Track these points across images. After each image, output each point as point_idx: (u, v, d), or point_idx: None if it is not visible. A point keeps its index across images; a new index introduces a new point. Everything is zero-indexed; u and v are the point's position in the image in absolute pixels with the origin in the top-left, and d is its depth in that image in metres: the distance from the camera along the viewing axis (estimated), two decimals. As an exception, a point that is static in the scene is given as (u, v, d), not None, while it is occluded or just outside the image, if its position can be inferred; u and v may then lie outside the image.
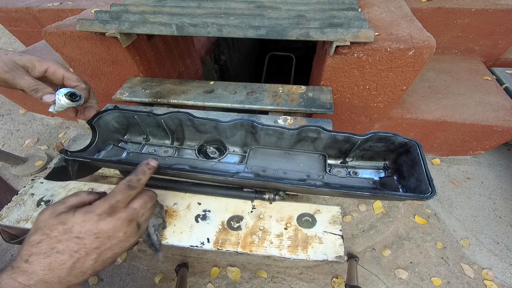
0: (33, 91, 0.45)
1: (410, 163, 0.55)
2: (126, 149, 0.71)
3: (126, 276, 1.22)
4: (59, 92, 0.47)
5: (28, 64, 0.47)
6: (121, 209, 0.39)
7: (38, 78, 0.48)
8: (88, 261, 0.35)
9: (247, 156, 0.68)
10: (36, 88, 0.46)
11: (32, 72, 0.47)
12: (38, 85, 0.46)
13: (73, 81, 0.50)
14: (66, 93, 0.47)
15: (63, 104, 0.47)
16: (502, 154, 1.60)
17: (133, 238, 0.40)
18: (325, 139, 0.62)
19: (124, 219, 0.38)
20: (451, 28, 1.44)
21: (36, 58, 0.48)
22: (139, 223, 0.42)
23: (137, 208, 0.41)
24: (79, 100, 0.49)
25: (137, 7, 1.03)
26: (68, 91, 0.47)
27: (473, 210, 1.36)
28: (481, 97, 1.33)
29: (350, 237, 1.25)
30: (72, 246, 0.34)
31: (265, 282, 1.18)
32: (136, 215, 0.40)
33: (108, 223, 0.37)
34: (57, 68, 0.49)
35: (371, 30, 0.81)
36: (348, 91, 1.09)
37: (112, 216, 0.37)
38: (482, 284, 1.13)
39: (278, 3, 1.02)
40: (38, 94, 0.46)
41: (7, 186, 1.56)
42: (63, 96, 0.47)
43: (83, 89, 0.51)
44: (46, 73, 0.49)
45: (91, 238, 0.35)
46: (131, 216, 0.39)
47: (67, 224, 0.35)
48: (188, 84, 1.00)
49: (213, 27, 0.86)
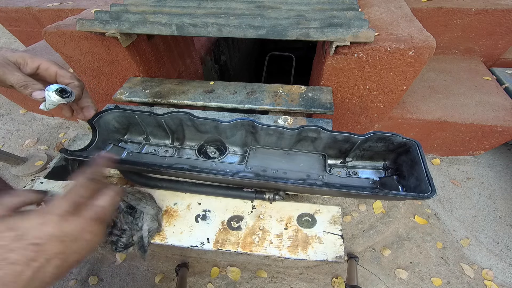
0: (23, 87, 0.44)
1: (409, 162, 0.55)
2: (126, 149, 0.71)
3: (126, 276, 1.22)
4: (49, 88, 0.46)
5: (20, 60, 0.46)
6: (86, 207, 0.35)
7: (30, 75, 0.47)
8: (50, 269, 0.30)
9: (247, 156, 0.68)
10: (26, 84, 0.44)
11: (23, 68, 0.47)
12: (28, 81, 0.45)
13: (66, 78, 0.49)
14: (56, 89, 0.46)
15: (53, 101, 0.46)
16: (502, 154, 1.60)
17: (99, 237, 0.36)
18: (325, 139, 0.62)
19: (91, 219, 0.34)
20: (451, 28, 1.44)
21: (28, 55, 0.47)
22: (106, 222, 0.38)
23: (104, 205, 0.37)
24: (70, 97, 0.48)
25: (137, 7, 1.03)
26: (59, 87, 0.46)
27: (473, 210, 1.36)
28: (481, 97, 1.33)
29: (350, 237, 1.25)
30: (28, 254, 0.29)
31: (265, 282, 1.18)
32: (103, 214, 0.36)
33: (72, 224, 0.32)
34: (50, 65, 0.48)
35: (371, 30, 0.81)
36: (348, 91, 1.09)
37: (76, 216, 0.33)
38: (482, 284, 1.13)
39: (278, 3, 1.02)
40: (28, 90, 0.45)
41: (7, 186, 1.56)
42: (53, 92, 0.45)
43: (75, 86, 0.50)
44: (38, 70, 0.48)
45: (53, 242, 0.30)
46: (98, 215, 0.35)
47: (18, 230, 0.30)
48: (188, 84, 1.00)
49: (213, 27, 0.86)
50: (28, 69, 0.47)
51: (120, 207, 0.57)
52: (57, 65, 0.49)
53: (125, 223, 0.55)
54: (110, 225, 0.55)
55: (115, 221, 0.56)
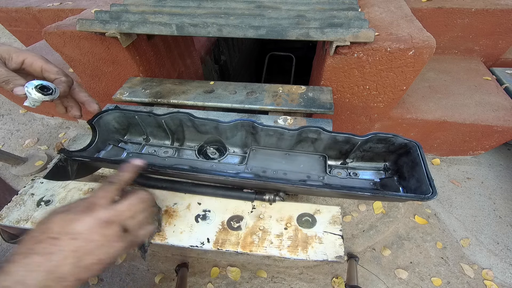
0: (4, 83, 0.43)
1: (410, 164, 0.55)
2: (126, 149, 0.71)
3: (126, 276, 1.22)
4: (28, 85, 0.43)
5: (5, 55, 0.44)
6: (99, 208, 0.35)
7: (15, 70, 0.45)
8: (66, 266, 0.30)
9: (247, 157, 0.68)
10: (7, 79, 0.43)
11: (8, 63, 0.45)
12: (10, 77, 0.43)
13: (52, 73, 0.47)
14: (36, 86, 0.43)
15: (35, 98, 0.44)
16: (502, 154, 1.60)
17: (118, 243, 0.35)
18: (325, 140, 0.62)
19: (101, 220, 0.33)
20: (451, 28, 1.44)
21: (14, 49, 0.45)
22: (126, 227, 0.37)
23: (121, 210, 0.36)
24: (53, 94, 0.45)
25: (137, 7, 1.03)
26: (39, 83, 0.43)
27: (473, 210, 1.36)
28: (481, 97, 1.33)
29: (350, 237, 1.25)
30: (47, 247, 0.30)
31: (265, 282, 1.18)
32: (118, 217, 0.35)
33: (82, 223, 0.32)
34: (35, 59, 0.46)
35: (371, 30, 0.81)
36: (348, 91, 1.09)
37: (87, 215, 0.33)
38: (482, 284, 1.13)
39: (278, 3, 1.02)
40: (9, 86, 0.43)
41: (7, 186, 1.56)
42: (32, 89, 0.43)
43: (61, 82, 0.47)
44: (24, 65, 0.46)
45: (66, 239, 0.31)
46: (111, 218, 0.34)
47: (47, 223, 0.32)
48: (188, 84, 1.00)
49: (213, 27, 0.86)
50: (13, 63, 0.45)
51: None
52: (43, 59, 0.47)
53: (125, 224, 0.55)
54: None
55: None
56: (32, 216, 0.60)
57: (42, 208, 0.62)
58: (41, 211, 0.61)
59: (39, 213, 0.61)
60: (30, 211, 0.61)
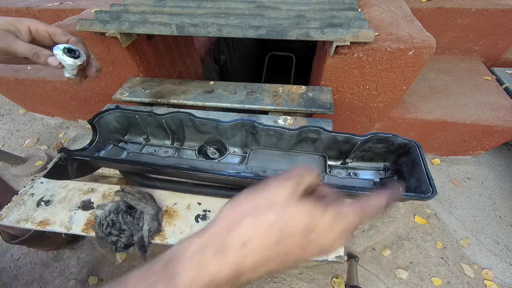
0: (34, 56, 0.39)
1: (410, 163, 0.55)
2: (126, 149, 0.71)
3: (126, 276, 1.22)
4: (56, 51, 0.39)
5: (10, 27, 0.39)
6: None
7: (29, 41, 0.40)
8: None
9: (247, 156, 0.68)
10: (35, 51, 0.38)
11: (19, 35, 0.40)
12: (35, 48, 0.39)
13: (62, 35, 0.41)
14: (63, 49, 0.39)
15: (70, 64, 0.40)
16: (502, 154, 1.60)
17: None
18: (325, 140, 0.62)
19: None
20: (451, 28, 1.44)
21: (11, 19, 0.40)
22: None
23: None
24: (81, 56, 0.41)
25: (137, 7, 1.03)
26: (64, 47, 0.40)
27: (473, 210, 1.36)
28: (481, 97, 1.33)
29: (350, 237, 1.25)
30: None
31: (265, 282, 1.18)
32: None
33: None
34: (36, 24, 0.41)
35: (371, 30, 0.81)
36: (348, 91, 1.09)
37: None
38: (482, 284, 1.13)
39: (278, 3, 1.02)
40: (41, 59, 0.39)
41: (7, 186, 1.56)
42: (63, 55, 0.39)
43: (76, 42, 0.42)
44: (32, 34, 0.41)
45: None
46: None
47: None
48: (188, 84, 1.00)
49: (213, 27, 0.86)
50: (24, 35, 0.40)
51: (120, 207, 0.57)
52: (41, 22, 0.42)
53: (124, 223, 0.55)
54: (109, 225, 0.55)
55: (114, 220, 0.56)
56: (32, 216, 0.60)
57: (42, 208, 0.62)
58: (41, 211, 0.61)
59: (39, 213, 0.61)
60: (30, 211, 0.61)
